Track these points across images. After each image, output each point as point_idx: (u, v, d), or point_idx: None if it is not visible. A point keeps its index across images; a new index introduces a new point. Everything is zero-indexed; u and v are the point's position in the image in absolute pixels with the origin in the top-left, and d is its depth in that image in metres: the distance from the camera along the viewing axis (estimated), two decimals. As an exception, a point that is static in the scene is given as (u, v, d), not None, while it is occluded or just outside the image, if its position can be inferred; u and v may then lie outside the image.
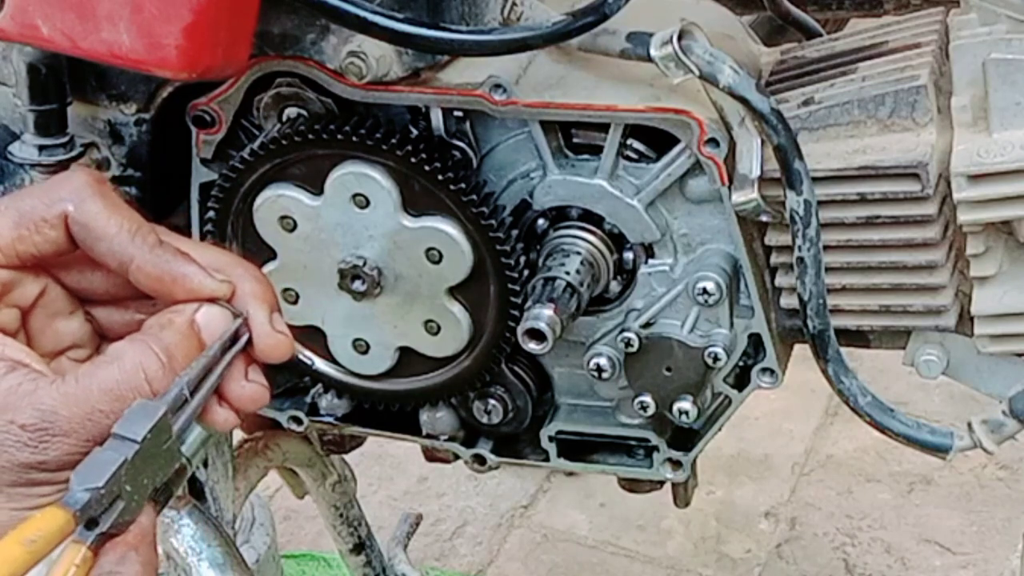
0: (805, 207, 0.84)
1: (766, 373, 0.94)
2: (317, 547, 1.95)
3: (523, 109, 0.87)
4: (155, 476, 0.66)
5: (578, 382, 0.99)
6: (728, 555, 1.94)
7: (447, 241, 0.90)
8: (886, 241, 0.86)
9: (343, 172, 0.90)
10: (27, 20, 0.78)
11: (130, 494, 0.64)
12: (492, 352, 0.95)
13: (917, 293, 0.88)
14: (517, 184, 0.92)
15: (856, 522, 1.98)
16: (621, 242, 0.92)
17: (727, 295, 0.90)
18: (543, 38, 0.84)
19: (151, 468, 0.66)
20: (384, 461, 2.10)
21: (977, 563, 1.90)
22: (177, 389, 0.67)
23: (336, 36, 0.86)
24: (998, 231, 0.85)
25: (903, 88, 0.85)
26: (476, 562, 1.97)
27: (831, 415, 2.15)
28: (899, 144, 0.85)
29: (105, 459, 0.64)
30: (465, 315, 0.93)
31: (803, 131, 0.87)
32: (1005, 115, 0.82)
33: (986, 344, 0.88)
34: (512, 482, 2.09)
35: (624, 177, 0.89)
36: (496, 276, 0.91)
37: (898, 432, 0.91)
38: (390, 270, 0.92)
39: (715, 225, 0.90)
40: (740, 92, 0.82)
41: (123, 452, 0.64)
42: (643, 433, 0.98)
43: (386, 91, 0.88)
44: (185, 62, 0.77)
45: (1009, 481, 2.02)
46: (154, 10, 0.76)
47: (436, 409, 1.02)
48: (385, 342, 0.96)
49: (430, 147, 0.89)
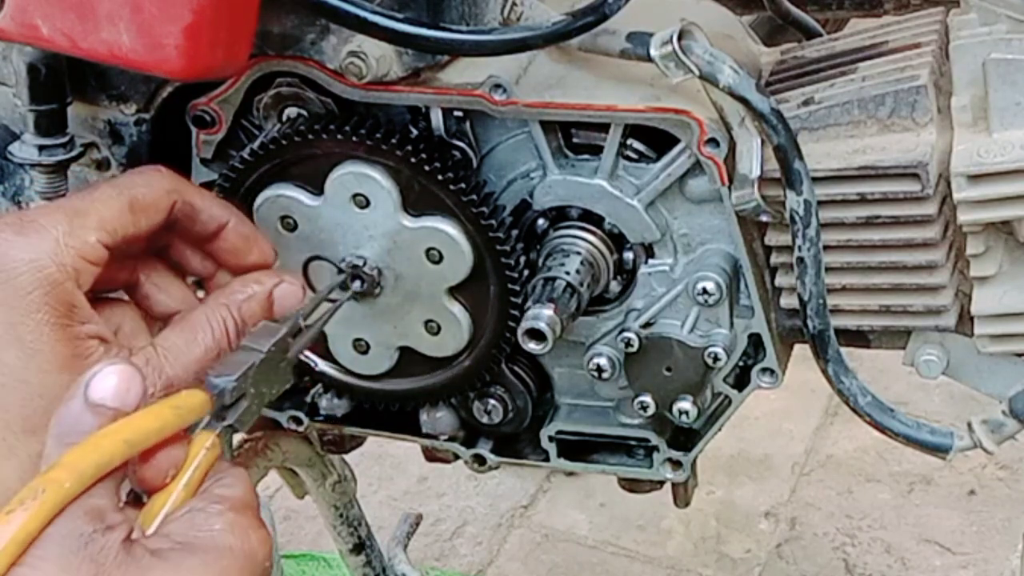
0: (805, 207, 0.84)
1: (766, 373, 0.94)
2: (317, 547, 1.95)
3: (523, 109, 0.87)
4: (271, 388, 0.76)
5: (578, 382, 0.99)
6: (728, 555, 1.94)
7: (447, 241, 0.90)
8: (886, 241, 0.86)
9: (343, 172, 0.90)
10: (27, 20, 0.78)
11: (252, 397, 0.74)
12: (492, 352, 0.95)
13: (917, 293, 0.88)
14: (517, 184, 0.92)
15: (856, 522, 1.98)
16: (621, 242, 0.92)
17: (727, 295, 0.90)
18: (543, 38, 0.84)
19: (269, 380, 0.75)
20: (384, 461, 2.10)
21: (977, 563, 1.90)
22: (295, 318, 0.79)
23: (336, 36, 0.86)
24: (998, 231, 0.85)
25: (903, 88, 0.85)
26: (476, 562, 1.97)
27: (831, 415, 2.15)
28: (899, 144, 0.85)
29: (237, 360, 0.74)
30: (465, 315, 0.93)
31: (803, 131, 0.87)
32: (1005, 115, 0.82)
33: (986, 344, 0.88)
34: (512, 482, 2.09)
35: (624, 177, 0.89)
36: (496, 276, 0.91)
37: (898, 432, 0.91)
38: (390, 270, 0.92)
39: (715, 225, 0.90)
40: (740, 92, 0.82)
41: (251, 358, 0.74)
42: (643, 433, 0.98)
43: (386, 91, 0.88)
44: (185, 62, 0.77)
45: (1009, 481, 2.02)
46: (154, 10, 0.76)
47: (436, 409, 1.02)
48: (385, 342, 0.96)
49: (430, 147, 0.89)
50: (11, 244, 0.75)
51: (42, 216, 0.76)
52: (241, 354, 0.76)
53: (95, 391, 0.68)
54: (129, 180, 0.81)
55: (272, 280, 0.83)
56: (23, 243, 0.75)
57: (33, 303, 0.74)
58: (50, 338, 0.74)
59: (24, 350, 0.73)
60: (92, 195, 0.79)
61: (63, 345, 0.75)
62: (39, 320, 0.74)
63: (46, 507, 0.61)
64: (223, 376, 0.73)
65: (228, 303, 0.81)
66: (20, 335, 0.73)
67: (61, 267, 0.75)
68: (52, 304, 0.74)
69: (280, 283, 0.83)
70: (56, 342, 0.74)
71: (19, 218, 0.76)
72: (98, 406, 0.68)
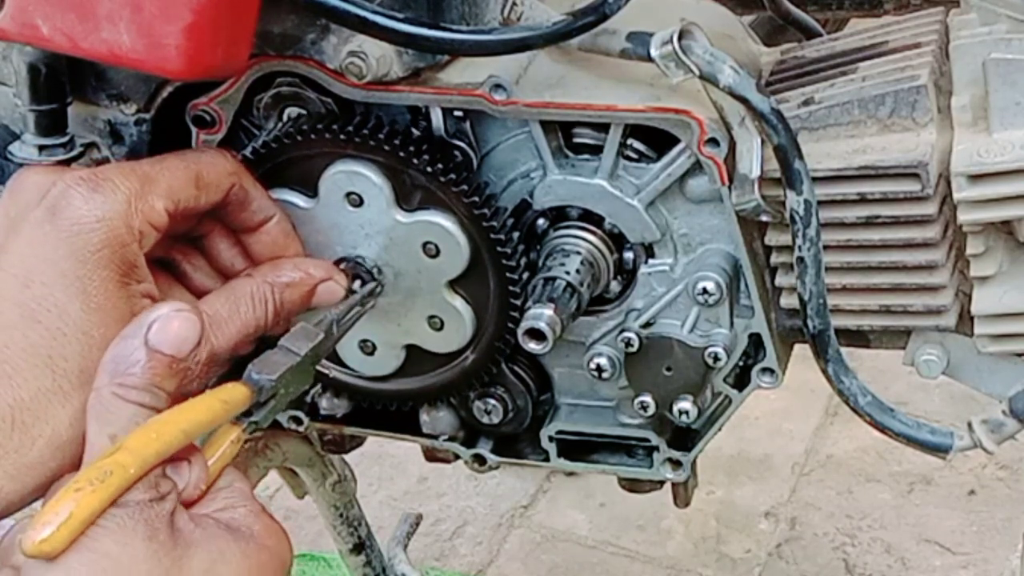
0: (805, 207, 0.84)
1: (766, 373, 0.94)
2: (317, 547, 1.95)
3: (523, 109, 0.87)
4: (296, 389, 0.78)
5: (578, 382, 0.99)
6: (728, 555, 1.94)
7: (442, 234, 0.90)
8: (886, 241, 0.86)
9: (334, 171, 0.90)
10: (27, 20, 0.78)
11: (280, 398, 0.76)
12: (493, 351, 0.95)
13: (917, 293, 0.88)
14: (517, 184, 0.92)
15: (856, 522, 1.98)
16: (621, 242, 0.92)
17: (727, 295, 0.90)
18: (543, 38, 0.84)
19: (295, 381, 0.77)
20: (384, 461, 2.10)
21: (977, 563, 1.90)
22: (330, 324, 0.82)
23: (336, 36, 0.86)
24: (998, 231, 0.85)
25: (903, 88, 0.85)
26: (476, 562, 1.97)
27: (831, 415, 2.15)
28: (899, 144, 0.85)
29: (276, 360, 0.76)
30: (467, 309, 0.93)
31: (803, 131, 0.87)
32: (1005, 115, 0.82)
33: (986, 344, 0.88)
34: (512, 482, 2.09)
35: (624, 177, 0.89)
36: (496, 276, 0.91)
37: (898, 432, 0.91)
38: (389, 268, 0.92)
39: (715, 225, 0.90)
40: (740, 92, 0.82)
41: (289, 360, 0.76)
42: (643, 433, 0.98)
43: (386, 91, 0.88)
44: (185, 62, 0.77)
45: (1009, 481, 2.02)
46: (154, 10, 0.76)
47: (436, 409, 1.02)
48: (391, 341, 0.96)
49: (430, 147, 0.89)
50: (86, 200, 0.77)
51: (116, 176, 0.79)
52: (279, 354, 0.77)
53: (155, 335, 0.72)
54: (196, 155, 0.84)
55: (321, 274, 0.87)
56: (98, 200, 0.77)
57: (102, 260, 0.77)
58: (113, 295, 0.77)
59: (88, 304, 0.76)
60: (162, 163, 0.82)
61: (124, 303, 0.78)
62: (104, 277, 0.77)
63: (110, 490, 0.65)
64: (263, 375, 0.75)
65: (273, 284, 0.84)
66: (86, 288, 0.76)
67: (130, 229, 0.78)
68: (118, 263, 0.77)
69: (328, 280, 0.87)
70: (119, 299, 0.77)
71: (94, 174, 0.79)
72: (155, 350, 0.72)
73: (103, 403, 0.71)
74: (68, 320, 0.76)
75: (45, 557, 0.64)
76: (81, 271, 0.76)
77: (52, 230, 0.77)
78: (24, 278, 0.77)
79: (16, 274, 0.77)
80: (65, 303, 0.76)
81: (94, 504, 0.65)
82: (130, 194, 0.78)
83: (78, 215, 0.77)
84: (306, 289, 0.87)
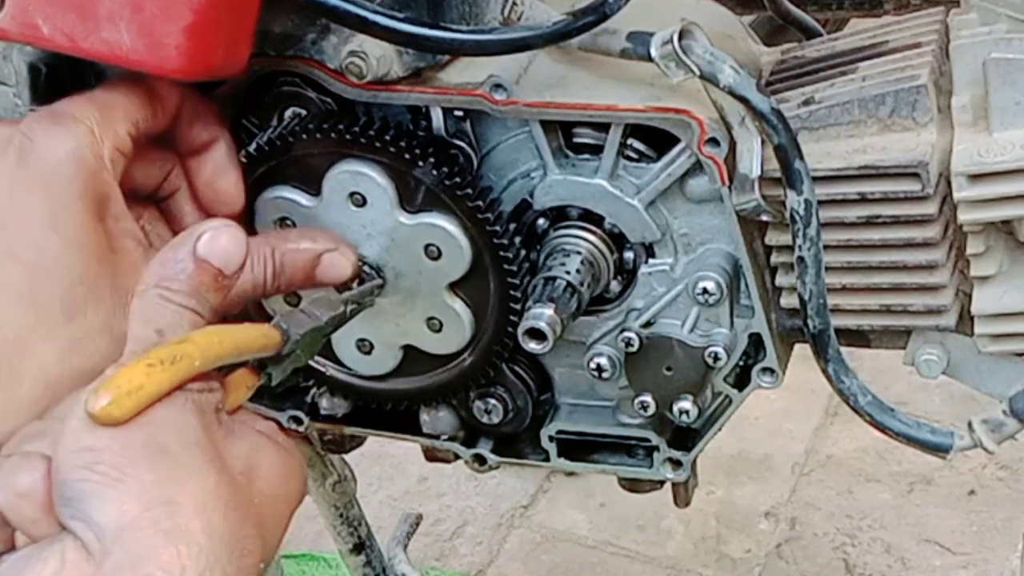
0: (805, 207, 0.84)
1: (766, 373, 0.94)
2: (317, 547, 1.95)
3: (523, 109, 0.87)
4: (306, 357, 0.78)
5: (578, 382, 0.99)
6: (728, 555, 1.94)
7: (445, 237, 0.90)
8: (886, 241, 0.86)
9: (339, 171, 0.90)
10: (27, 20, 0.78)
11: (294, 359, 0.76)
12: (493, 351, 0.95)
13: (917, 293, 0.88)
14: (517, 184, 0.92)
15: (856, 522, 1.98)
16: (621, 242, 0.92)
17: (727, 295, 0.90)
18: (543, 38, 0.84)
19: (308, 348, 0.78)
20: (384, 461, 2.10)
21: (977, 563, 1.90)
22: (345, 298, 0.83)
23: (336, 36, 0.86)
24: (998, 231, 0.85)
25: (903, 88, 0.85)
26: (476, 562, 1.97)
27: (831, 415, 2.15)
28: (899, 144, 0.85)
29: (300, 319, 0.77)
30: (467, 311, 0.93)
31: (803, 131, 0.87)
32: (1005, 115, 0.82)
33: (986, 344, 0.88)
34: (512, 482, 2.09)
35: (624, 177, 0.89)
36: (496, 275, 0.91)
37: (898, 432, 0.91)
38: (390, 268, 0.92)
39: (715, 225, 0.90)
40: (740, 92, 0.82)
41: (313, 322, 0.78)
42: (643, 433, 0.98)
43: (386, 91, 0.88)
44: (185, 62, 0.77)
45: (1009, 481, 2.02)
46: (154, 10, 0.76)
47: (436, 409, 1.02)
48: (388, 341, 0.96)
49: (436, 148, 0.89)
50: (49, 135, 0.77)
51: (74, 108, 0.79)
52: (302, 315, 0.78)
53: (204, 246, 0.71)
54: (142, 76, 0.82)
55: (327, 244, 0.85)
56: (62, 133, 0.77)
57: (74, 191, 0.77)
58: (89, 227, 0.77)
59: (65, 237, 0.76)
60: (115, 88, 0.81)
61: (102, 236, 0.77)
62: (79, 209, 0.77)
63: (180, 373, 0.67)
64: (291, 327, 0.76)
65: (274, 245, 0.83)
66: (62, 222, 0.76)
67: (97, 157, 0.78)
68: (91, 194, 0.77)
69: (333, 251, 0.85)
70: (95, 232, 0.77)
71: (51, 111, 0.79)
72: (204, 261, 0.71)
73: (148, 303, 0.71)
74: (47, 256, 0.76)
75: (112, 422, 0.65)
76: (55, 205, 0.76)
77: (22, 173, 0.77)
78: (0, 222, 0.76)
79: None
80: (42, 239, 0.76)
81: (163, 382, 0.66)
82: (92, 124, 0.78)
83: (45, 152, 0.77)
84: (309, 257, 0.85)
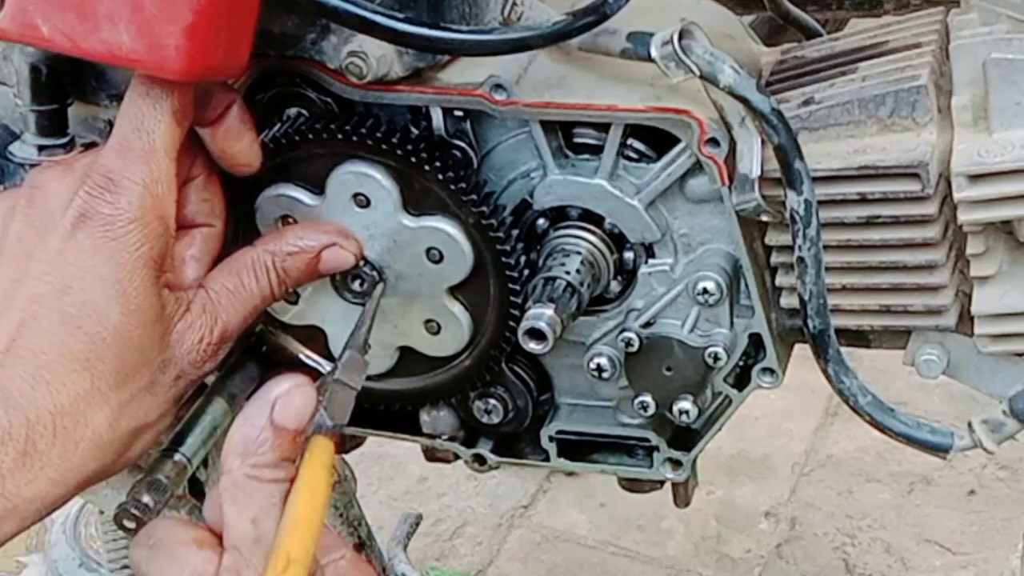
0: (805, 207, 0.84)
1: (766, 373, 0.94)
2: (317, 547, 1.94)
3: (523, 109, 0.87)
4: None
5: (578, 382, 0.99)
6: (728, 555, 1.94)
7: (447, 241, 0.90)
8: (886, 241, 0.86)
9: (344, 171, 0.90)
10: (27, 20, 0.78)
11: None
12: (492, 352, 0.95)
13: (917, 293, 0.88)
14: (517, 184, 0.92)
15: (856, 522, 1.98)
16: (621, 242, 0.92)
17: (727, 295, 0.90)
18: (543, 38, 0.84)
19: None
20: (384, 461, 2.10)
21: (977, 563, 1.90)
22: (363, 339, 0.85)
23: (336, 36, 0.86)
24: (998, 231, 0.85)
25: (903, 88, 0.85)
26: (476, 562, 1.97)
27: (831, 415, 2.15)
28: (899, 144, 0.85)
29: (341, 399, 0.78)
30: (465, 315, 0.93)
31: (803, 131, 0.87)
32: (1005, 115, 0.82)
33: (986, 344, 0.88)
34: (512, 482, 2.09)
35: (624, 177, 0.89)
36: (496, 276, 0.91)
37: (898, 432, 0.91)
38: (390, 270, 0.92)
39: (715, 225, 0.90)
40: (740, 92, 0.82)
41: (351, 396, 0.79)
42: (643, 433, 0.98)
43: (387, 91, 0.88)
44: (185, 62, 0.77)
45: (1009, 481, 2.02)
46: (154, 10, 0.76)
47: (436, 409, 1.02)
48: (386, 341, 0.96)
49: (430, 147, 0.89)
50: (112, 204, 0.78)
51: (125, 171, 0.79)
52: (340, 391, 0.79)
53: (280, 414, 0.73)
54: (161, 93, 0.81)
55: (324, 239, 0.87)
56: (123, 202, 0.78)
57: (140, 259, 0.78)
58: (150, 294, 0.78)
59: (127, 306, 0.77)
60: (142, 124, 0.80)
61: (159, 300, 0.79)
62: (143, 276, 0.78)
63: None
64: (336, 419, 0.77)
65: (274, 253, 0.85)
66: (125, 291, 0.77)
67: (161, 220, 0.79)
68: (155, 258, 0.79)
69: (332, 245, 0.87)
70: (155, 298, 0.79)
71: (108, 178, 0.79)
72: (282, 428, 0.73)
73: (239, 486, 0.73)
74: (108, 324, 0.77)
75: None
76: (121, 274, 0.77)
77: (86, 237, 0.78)
78: (61, 285, 0.77)
79: (51, 281, 0.77)
80: (105, 307, 0.77)
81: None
82: (147, 181, 0.79)
83: (110, 220, 0.78)
84: (309, 257, 0.87)
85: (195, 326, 0.82)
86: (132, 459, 0.82)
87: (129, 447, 0.80)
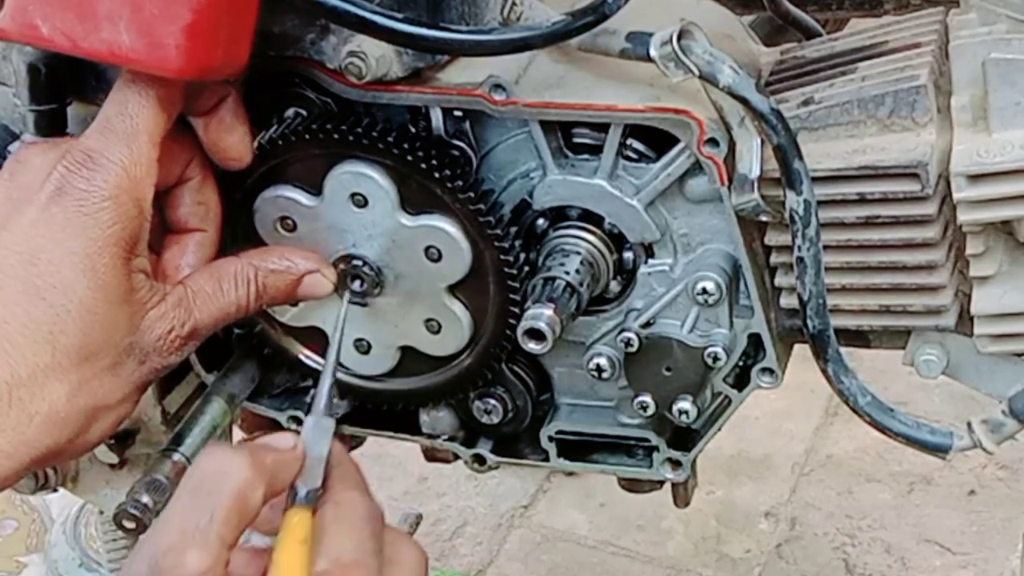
0: (805, 207, 0.84)
1: (766, 373, 0.94)
2: (317, 547, 1.94)
3: (523, 109, 0.87)
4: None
5: (578, 382, 0.99)
6: (728, 555, 1.94)
7: (446, 239, 0.90)
8: (886, 241, 0.86)
9: (341, 171, 0.90)
10: (27, 20, 0.78)
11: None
12: (492, 352, 0.95)
13: (917, 293, 0.88)
14: (517, 184, 0.92)
15: (856, 522, 1.97)
16: (621, 242, 0.92)
17: (727, 295, 0.90)
18: (543, 38, 0.84)
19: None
20: (384, 461, 2.10)
21: (977, 563, 1.90)
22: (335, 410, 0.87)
23: (336, 36, 0.86)
24: (998, 231, 0.85)
25: (903, 88, 0.85)
26: (476, 562, 1.97)
27: (831, 415, 2.15)
28: (899, 144, 0.85)
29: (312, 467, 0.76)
30: (466, 313, 0.93)
31: (803, 131, 0.87)
32: (1005, 115, 0.82)
33: (986, 344, 0.88)
34: (512, 482, 2.09)
35: (624, 177, 0.89)
36: (496, 276, 0.91)
37: (898, 432, 0.91)
38: (390, 269, 0.92)
39: (715, 225, 0.90)
40: (740, 92, 0.82)
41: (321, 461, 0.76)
42: (643, 433, 0.98)
43: (386, 91, 0.88)
44: (185, 62, 0.77)
45: (1009, 481, 2.02)
46: (154, 10, 0.76)
47: (436, 409, 1.02)
48: (386, 341, 0.96)
49: (427, 145, 0.89)
50: (89, 180, 0.78)
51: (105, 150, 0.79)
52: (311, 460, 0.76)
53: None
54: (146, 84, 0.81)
55: (308, 265, 0.88)
56: (99, 179, 0.78)
57: (112, 237, 0.78)
58: (119, 273, 0.78)
59: (96, 282, 0.77)
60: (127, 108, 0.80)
61: (128, 281, 0.79)
62: (113, 255, 0.78)
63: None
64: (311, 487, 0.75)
65: (258, 267, 0.86)
66: (94, 266, 0.77)
67: (136, 201, 0.79)
68: (126, 238, 0.79)
69: (315, 272, 0.88)
70: (124, 278, 0.79)
71: (88, 155, 0.79)
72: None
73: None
74: (73, 298, 0.77)
75: None
76: (91, 249, 0.77)
77: (59, 211, 0.78)
78: (30, 255, 0.77)
79: (21, 252, 0.77)
80: (72, 281, 0.77)
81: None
82: (126, 163, 0.79)
83: (84, 196, 0.78)
84: (291, 279, 0.87)
85: (167, 316, 0.82)
86: (90, 443, 0.81)
87: (87, 428, 0.80)
